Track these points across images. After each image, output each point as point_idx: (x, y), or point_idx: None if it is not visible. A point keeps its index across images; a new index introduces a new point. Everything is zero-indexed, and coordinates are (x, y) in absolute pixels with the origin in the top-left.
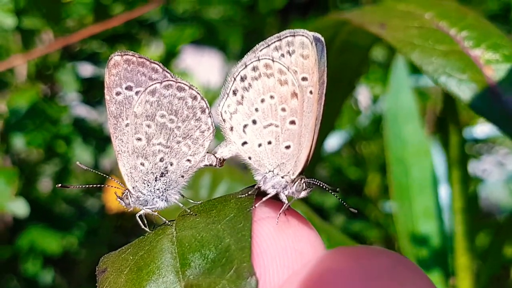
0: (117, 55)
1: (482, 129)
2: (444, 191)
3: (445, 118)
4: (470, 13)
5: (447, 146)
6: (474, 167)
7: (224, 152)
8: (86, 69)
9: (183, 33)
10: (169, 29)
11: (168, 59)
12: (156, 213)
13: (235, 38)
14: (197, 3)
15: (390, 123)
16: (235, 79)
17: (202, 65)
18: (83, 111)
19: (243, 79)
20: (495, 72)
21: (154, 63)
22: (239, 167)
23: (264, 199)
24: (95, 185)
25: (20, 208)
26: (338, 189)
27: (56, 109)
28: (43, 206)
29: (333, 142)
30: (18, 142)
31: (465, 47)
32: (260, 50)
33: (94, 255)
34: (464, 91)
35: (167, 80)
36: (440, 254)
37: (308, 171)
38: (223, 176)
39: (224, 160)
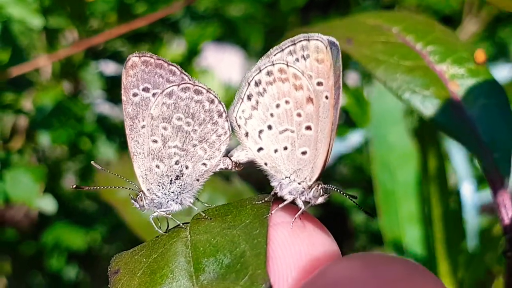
0: (135, 56)
1: None
2: (467, 190)
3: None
4: (438, 26)
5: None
6: None
7: (241, 156)
8: (109, 67)
9: (205, 31)
10: (191, 27)
11: (190, 57)
12: (170, 216)
13: (257, 36)
14: (218, 1)
15: (375, 126)
16: (249, 84)
17: (224, 62)
18: (106, 109)
19: (257, 84)
20: (459, 87)
21: (172, 65)
22: (222, 178)
23: (280, 205)
24: (109, 187)
25: (48, 204)
26: (357, 196)
27: (81, 107)
28: (67, 203)
29: (355, 140)
30: (44, 139)
31: (431, 61)
32: (274, 55)
33: (117, 251)
34: (428, 107)
35: (185, 83)
36: (426, 260)
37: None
38: (204, 186)
39: (239, 163)
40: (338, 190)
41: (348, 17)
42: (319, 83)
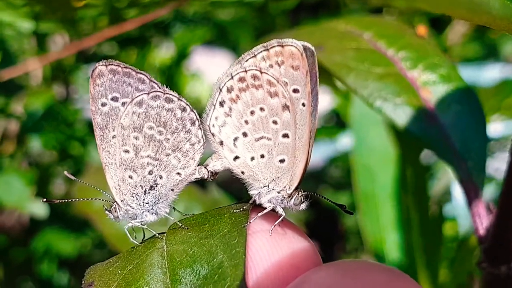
0: (102, 64)
1: (496, 127)
2: (459, 189)
3: None
4: (409, 30)
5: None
6: (487, 166)
7: (217, 165)
8: None
9: (194, 34)
10: (180, 30)
11: (179, 60)
12: (145, 226)
13: (246, 38)
14: (208, 5)
15: (356, 128)
16: (221, 90)
17: (213, 65)
18: None
19: (229, 90)
20: (432, 94)
21: (141, 73)
22: (198, 186)
23: (259, 214)
24: (82, 199)
25: (39, 209)
26: (345, 206)
27: (71, 112)
28: (57, 208)
29: (345, 141)
30: (35, 144)
31: (402, 68)
32: (246, 60)
33: (108, 257)
34: (399, 115)
35: (155, 91)
36: (405, 266)
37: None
38: (180, 196)
39: (216, 173)
40: (317, 195)
41: (319, 23)
42: (295, 90)
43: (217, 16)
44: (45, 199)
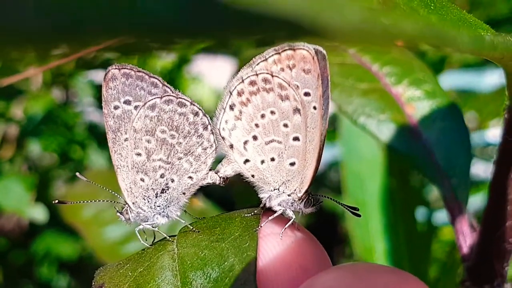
0: (115, 68)
1: (494, 133)
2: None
3: None
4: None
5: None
6: (486, 171)
7: (227, 170)
8: (100, 75)
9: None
10: None
11: (180, 64)
12: (156, 229)
13: (248, 45)
14: None
15: (345, 136)
16: (231, 93)
17: (215, 69)
18: (97, 117)
19: (240, 93)
20: (416, 111)
21: (154, 77)
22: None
23: (270, 218)
24: (93, 201)
25: (39, 213)
26: (358, 208)
27: (71, 115)
28: (56, 211)
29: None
30: (35, 147)
31: (387, 84)
32: (257, 64)
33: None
34: (383, 132)
35: (168, 95)
36: None
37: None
38: None
39: (227, 178)
40: (327, 197)
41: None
42: (307, 94)
43: None
44: (57, 200)
